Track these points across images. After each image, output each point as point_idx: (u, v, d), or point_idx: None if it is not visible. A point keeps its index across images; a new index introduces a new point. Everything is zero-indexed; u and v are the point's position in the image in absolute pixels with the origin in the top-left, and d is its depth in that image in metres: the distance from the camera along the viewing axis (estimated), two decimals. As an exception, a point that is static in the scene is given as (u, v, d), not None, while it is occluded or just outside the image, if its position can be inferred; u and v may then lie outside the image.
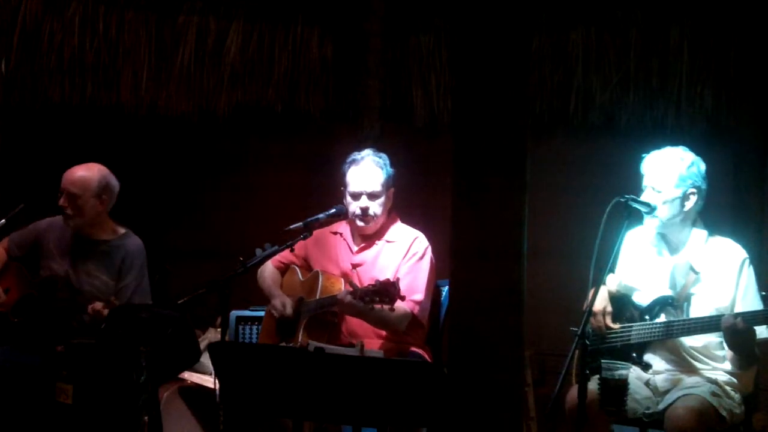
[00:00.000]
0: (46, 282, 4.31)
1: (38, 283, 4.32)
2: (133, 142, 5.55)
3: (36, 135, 5.51)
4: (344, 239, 4.16)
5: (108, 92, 5.38)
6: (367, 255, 4.09)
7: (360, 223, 4.05)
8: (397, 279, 3.70)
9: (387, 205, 4.08)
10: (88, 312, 4.12)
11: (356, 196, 4.03)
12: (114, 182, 4.34)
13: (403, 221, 4.18)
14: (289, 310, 4.01)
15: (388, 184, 4.06)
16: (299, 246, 4.07)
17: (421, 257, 4.03)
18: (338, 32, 5.44)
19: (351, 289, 3.78)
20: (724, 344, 3.67)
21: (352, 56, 5.39)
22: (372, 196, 4.01)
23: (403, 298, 3.71)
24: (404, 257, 4.03)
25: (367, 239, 4.11)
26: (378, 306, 3.67)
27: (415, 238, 4.08)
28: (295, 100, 5.47)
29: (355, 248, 4.12)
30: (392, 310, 3.68)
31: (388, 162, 4.09)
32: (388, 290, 3.63)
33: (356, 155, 4.10)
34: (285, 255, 4.16)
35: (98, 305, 4.09)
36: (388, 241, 4.09)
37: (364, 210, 4.01)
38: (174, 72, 5.41)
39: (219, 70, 5.42)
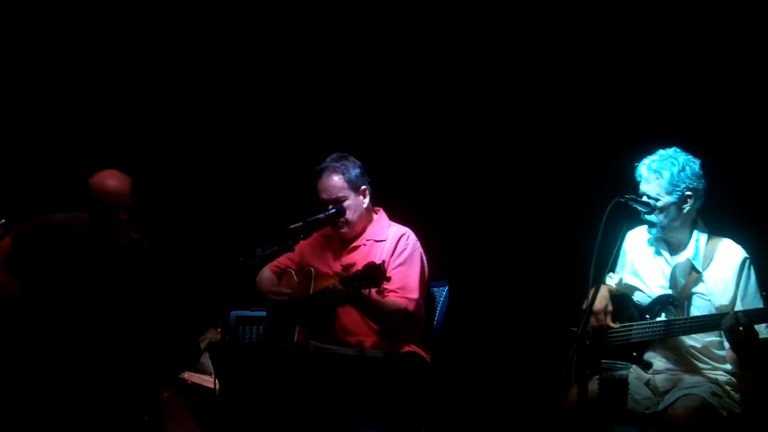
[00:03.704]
0: (54, 281, 4.30)
1: (46, 282, 4.32)
2: (133, 142, 5.55)
3: (36, 135, 5.51)
4: (334, 242, 4.18)
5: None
6: (356, 256, 4.09)
7: (337, 230, 4.10)
8: (383, 261, 3.71)
9: (360, 206, 4.09)
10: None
11: (325, 206, 4.07)
12: None
13: (403, 221, 4.18)
14: (289, 290, 4.05)
15: (354, 186, 4.08)
16: (296, 250, 4.11)
17: (410, 254, 4.03)
18: (338, 32, 5.44)
19: (338, 278, 3.79)
20: (725, 344, 3.68)
21: (351, 56, 5.39)
22: (337, 202, 4.05)
23: (389, 279, 3.73)
24: (392, 255, 4.03)
25: (354, 241, 4.13)
26: (366, 291, 3.69)
27: (402, 235, 4.08)
28: (295, 100, 5.47)
29: (344, 250, 4.14)
30: (379, 292, 3.68)
31: (351, 164, 4.10)
32: (373, 273, 3.64)
33: (320, 166, 4.13)
34: (281, 260, 4.23)
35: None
36: (376, 241, 4.10)
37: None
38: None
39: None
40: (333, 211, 4.03)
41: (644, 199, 3.73)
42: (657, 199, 3.71)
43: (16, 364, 4.14)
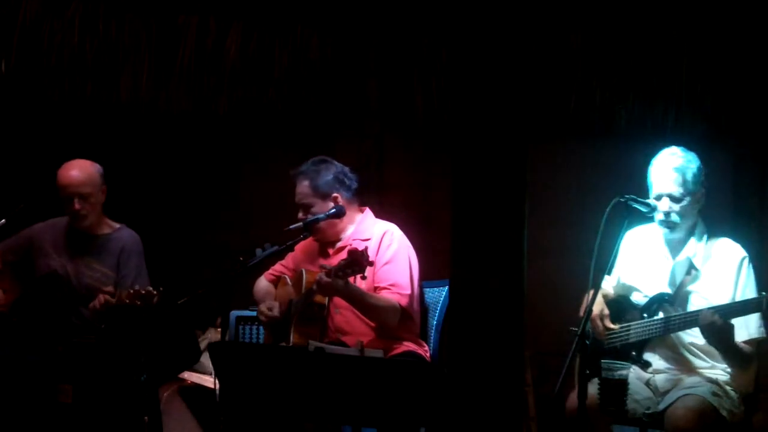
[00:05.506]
0: (44, 279, 4.32)
1: (37, 280, 4.33)
2: (133, 142, 5.55)
3: (36, 135, 5.51)
4: (323, 244, 4.18)
5: (108, 92, 5.38)
6: (343, 255, 4.09)
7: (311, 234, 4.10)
8: (366, 248, 3.70)
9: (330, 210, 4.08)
10: (94, 305, 4.13)
11: (298, 210, 4.08)
12: (101, 168, 4.40)
13: (402, 220, 4.18)
14: (275, 312, 4.05)
15: (322, 193, 4.05)
16: (289, 257, 4.15)
17: (396, 250, 4.02)
18: (338, 32, 5.43)
19: (324, 270, 3.79)
20: None
21: (352, 56, 5.39)
22: (305, 207, 4.05)
23: (372, 263, 3.73)
24: (377, 253, 4.02)
25: (339, 241, 4.13)
26: (351, 279, 3.68)
27: (386, 232, 4.06)
28: (295, 100, 5.46)
29: (331, 251, 4.13)
30: (364, 278, 3.69)
31: (325, 169, 4.08)
32: (356, 260, 3.64)
33: (295, 170, 4.12)
34: (276, 267, 4.25)
35: (102, 297, 4.11)
36: (362, 240, 4.08)
37: (303, 221, 4.06)
38: (174, 72, 5.41)
39: (219, 70, 5.42)
40: (333, 211, 4.03)
41: (664, 201, 3.71)
42: (681, 199, 3.70)
43: (14, 365, 4.14)
